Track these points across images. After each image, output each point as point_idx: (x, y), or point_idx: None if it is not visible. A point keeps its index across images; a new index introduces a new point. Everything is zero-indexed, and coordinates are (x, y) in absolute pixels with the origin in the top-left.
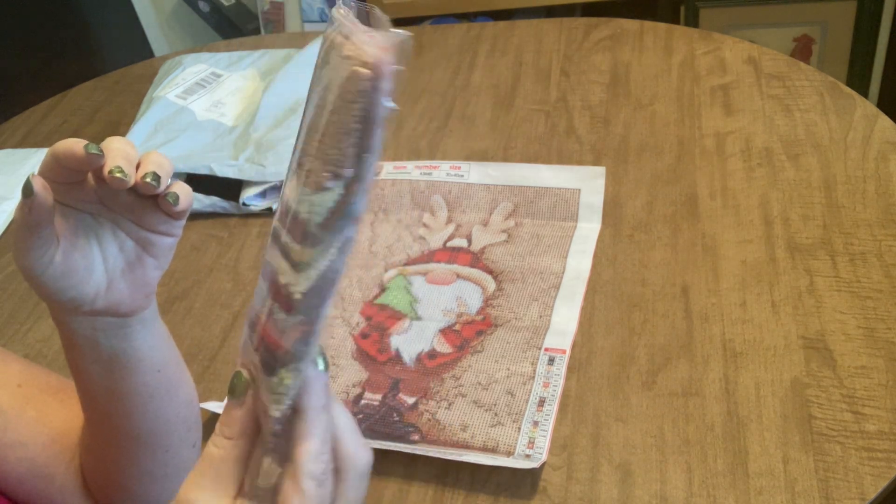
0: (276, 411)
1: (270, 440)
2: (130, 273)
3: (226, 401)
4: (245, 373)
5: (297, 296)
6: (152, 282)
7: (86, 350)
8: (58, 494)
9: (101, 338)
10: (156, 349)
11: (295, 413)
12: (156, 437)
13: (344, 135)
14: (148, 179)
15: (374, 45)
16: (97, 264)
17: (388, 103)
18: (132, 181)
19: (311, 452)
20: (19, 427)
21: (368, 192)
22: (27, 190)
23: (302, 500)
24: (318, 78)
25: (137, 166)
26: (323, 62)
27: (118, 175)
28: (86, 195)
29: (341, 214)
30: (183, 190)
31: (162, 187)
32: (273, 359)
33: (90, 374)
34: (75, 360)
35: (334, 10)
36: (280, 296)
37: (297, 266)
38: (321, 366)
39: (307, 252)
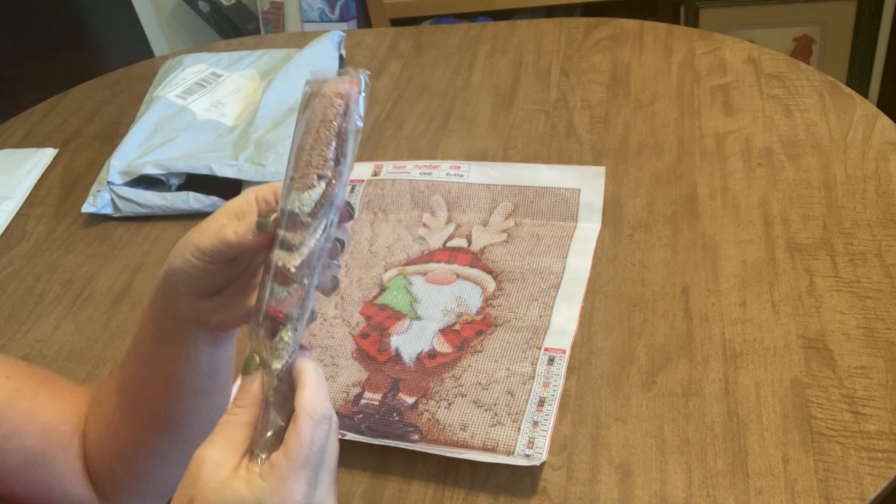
0: (278, 364)
1: (272, 394)
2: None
3: (240, 379)
4: (256, 357)
5: (293, 269)
6: None
7: (169, 332)
8: (55, 480)
9: (193, 329)
10: (217, 360)
11: (295, 374)
12: (183, 426)
13: (325, 146)
14: None
15: (345, 80)
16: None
17: (358, 122)
18: None
19: (306, 397)
20: (13, 418)
21: (345, 186)
22: (263, 224)
23: (298, 436)
24: (300, 121)
25: None
26: (303, 110)
27: None
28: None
29: (325, 204)
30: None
31: None
32: (275, 324)
33: (159, 354)
34: (154, 335)
35: (307, 78)
36: (279, 275)
37: (291, 248)
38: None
39: (299, 235)
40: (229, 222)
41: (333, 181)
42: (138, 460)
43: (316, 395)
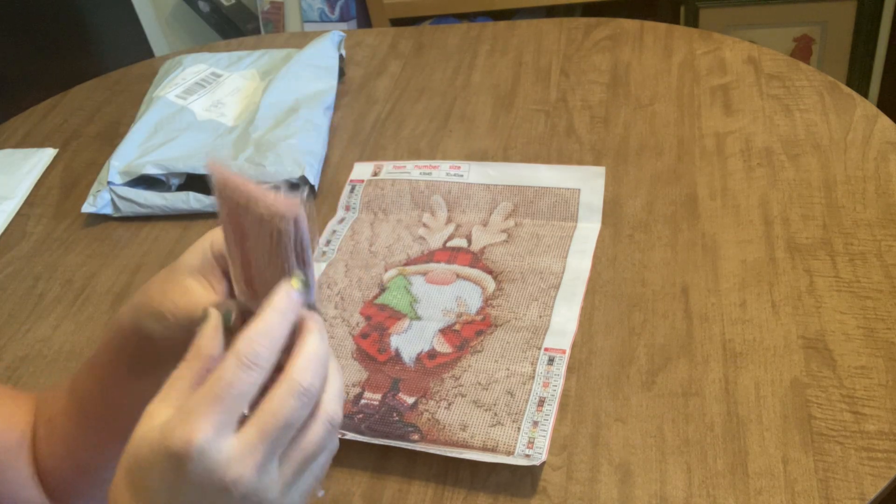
0: None
1: None
2: None
3: None
4: (210, 310)
5: None
6: None
7: (139, 345)
8: (6, 488)
9: (171, 361)
10: None
11: (298, 337)
12: None
13: (286, 268)
14: None
15: (285, 203)
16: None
17: (306, 236)
18: None
19: (297, 364)
20: None
21: (315, 287)
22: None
23: (272, 401)
24: (222, 215)
25: None
26: (220, 205)
27: None
28: None
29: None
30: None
31: None
32: None
33: (132, 384)
34: (119, 352)
35: (207, 162)
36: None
37: None
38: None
39: None
40: (192, 283)
41: (304, 289)
42: (102, 472)
43: (308, 366)
